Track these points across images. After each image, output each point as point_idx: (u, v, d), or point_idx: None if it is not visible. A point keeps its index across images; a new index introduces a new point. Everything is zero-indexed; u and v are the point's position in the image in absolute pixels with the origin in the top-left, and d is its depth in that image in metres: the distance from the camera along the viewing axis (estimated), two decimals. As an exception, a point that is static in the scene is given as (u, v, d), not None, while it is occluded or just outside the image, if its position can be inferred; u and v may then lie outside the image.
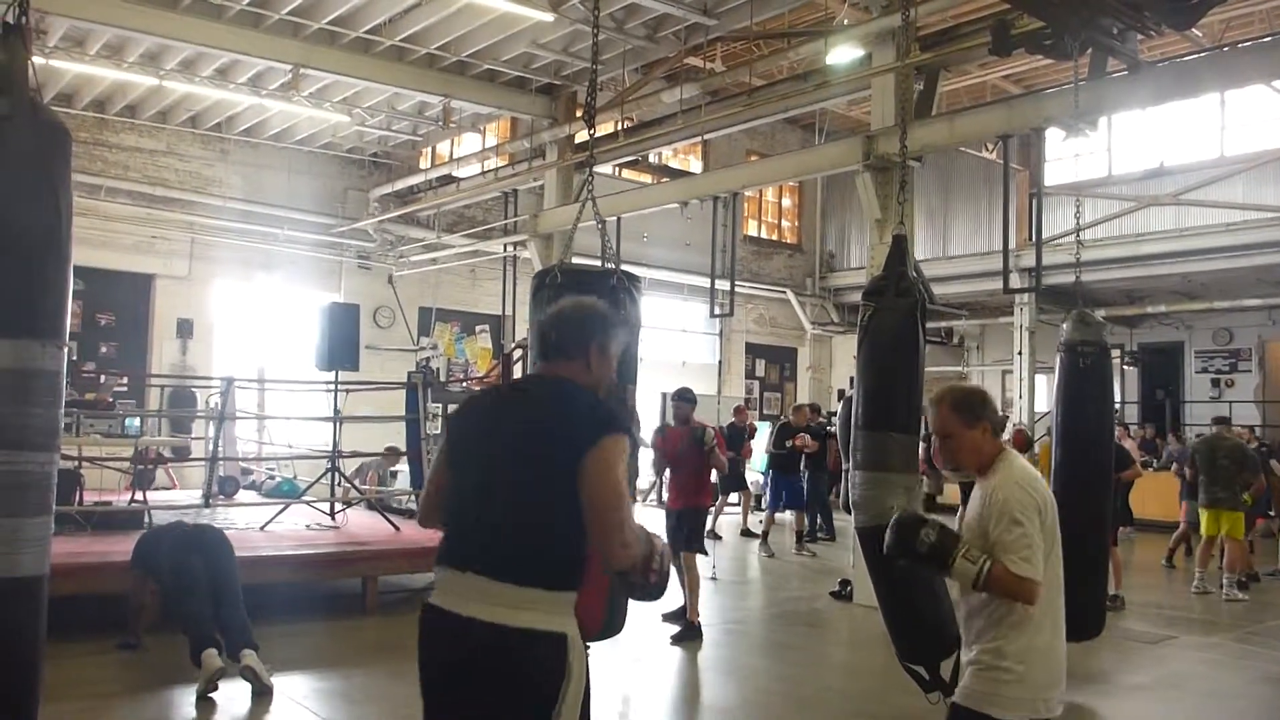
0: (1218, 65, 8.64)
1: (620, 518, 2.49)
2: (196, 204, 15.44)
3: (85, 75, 12.97)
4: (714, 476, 9.03)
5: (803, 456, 13.05)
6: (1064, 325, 6.93)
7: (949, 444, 3.21)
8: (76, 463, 9.50)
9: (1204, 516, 10.24)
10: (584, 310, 2.84)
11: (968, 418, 3.18)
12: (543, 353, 2.83)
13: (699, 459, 8.23)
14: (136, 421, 12.29)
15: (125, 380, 14.48)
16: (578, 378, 2.73)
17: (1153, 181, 16.87)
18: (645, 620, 7.92)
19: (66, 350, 3.49)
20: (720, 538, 13.32)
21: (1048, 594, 3.02)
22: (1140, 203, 16.71)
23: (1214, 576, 10.31)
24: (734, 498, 14.94)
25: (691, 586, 7.93)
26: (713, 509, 11.36)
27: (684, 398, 8.51)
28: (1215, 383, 19.32)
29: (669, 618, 8.03)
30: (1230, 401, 17.86)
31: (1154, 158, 17.24)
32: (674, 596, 7.96)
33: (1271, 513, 11.90)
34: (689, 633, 7.78)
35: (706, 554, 8.50)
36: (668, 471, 8.51)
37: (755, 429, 15.47)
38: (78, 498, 8.98)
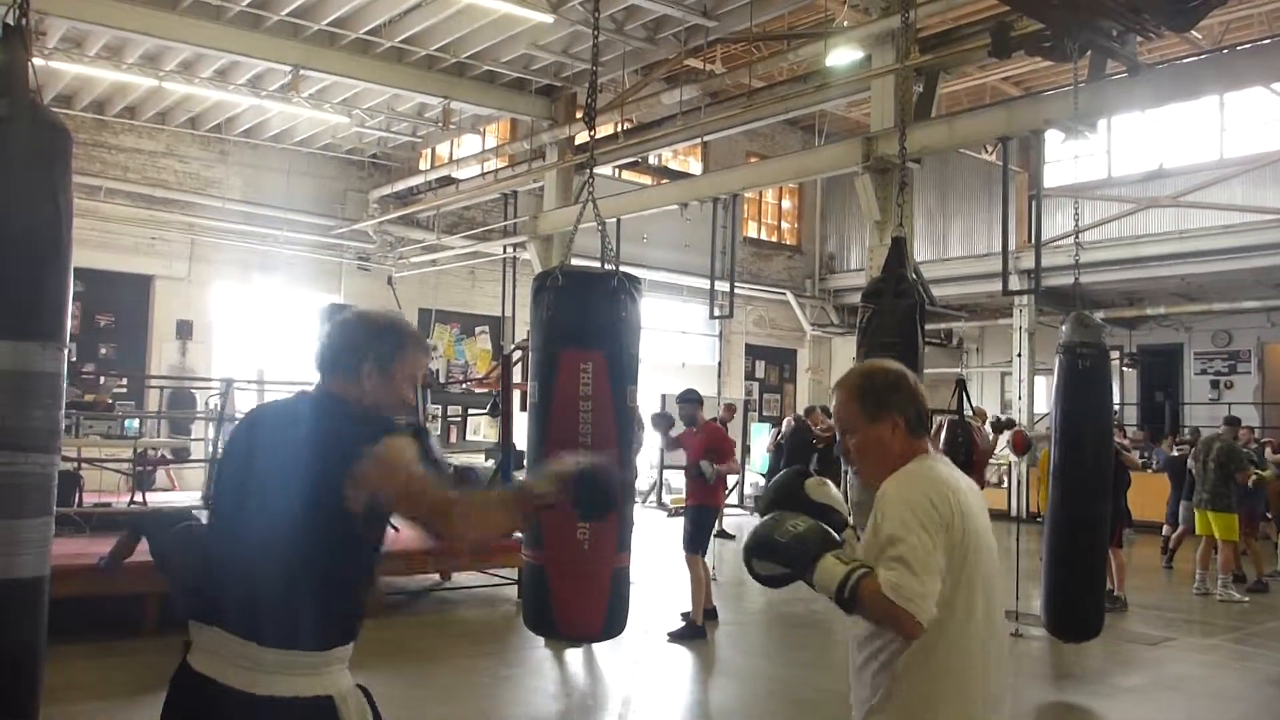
0: (1217, 67, 8.67)
1: (414, 497, 2.17)
2: (196, 205, 15.44)
3: (84, 76, 12.96)
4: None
5: (815, 455, 13.23)
6: (1063, 327, 6.95)
7: (849, 442, 2.40)
8: (76, 464, 9.50)
9: (1195, 517, 10.31)
10: (364, 323, 2.45)
11: (870, 408, 2.33)
12: (317, 367, 2.42)
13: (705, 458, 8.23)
14: (136, 423, 12.29)
15: (124, 382, 14.47)
16: (349, 396, 2.34)
17: (1152, 183, 16.86)
18: (645, 623, 7.93)
19: (66, 352, 3.48)
20: (733, 537, 12.92)
21: (955, 654, 2.18)
22: (1140, 205, 16.70)
23: (1215, 577, 10.33)
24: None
25: (694, 587, 7.92)
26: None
27: (687, 399, 8.51)
28: (1215, 384, 19.31)
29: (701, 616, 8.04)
30: (1229, 403, 17.84)
31: (1153, 160, 17.23)
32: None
33: (1269, 514, 11.87)
34: (690, 632, 7.77)
35: (704, 555, 8.39)
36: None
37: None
38: (77, 499, 8.96)
